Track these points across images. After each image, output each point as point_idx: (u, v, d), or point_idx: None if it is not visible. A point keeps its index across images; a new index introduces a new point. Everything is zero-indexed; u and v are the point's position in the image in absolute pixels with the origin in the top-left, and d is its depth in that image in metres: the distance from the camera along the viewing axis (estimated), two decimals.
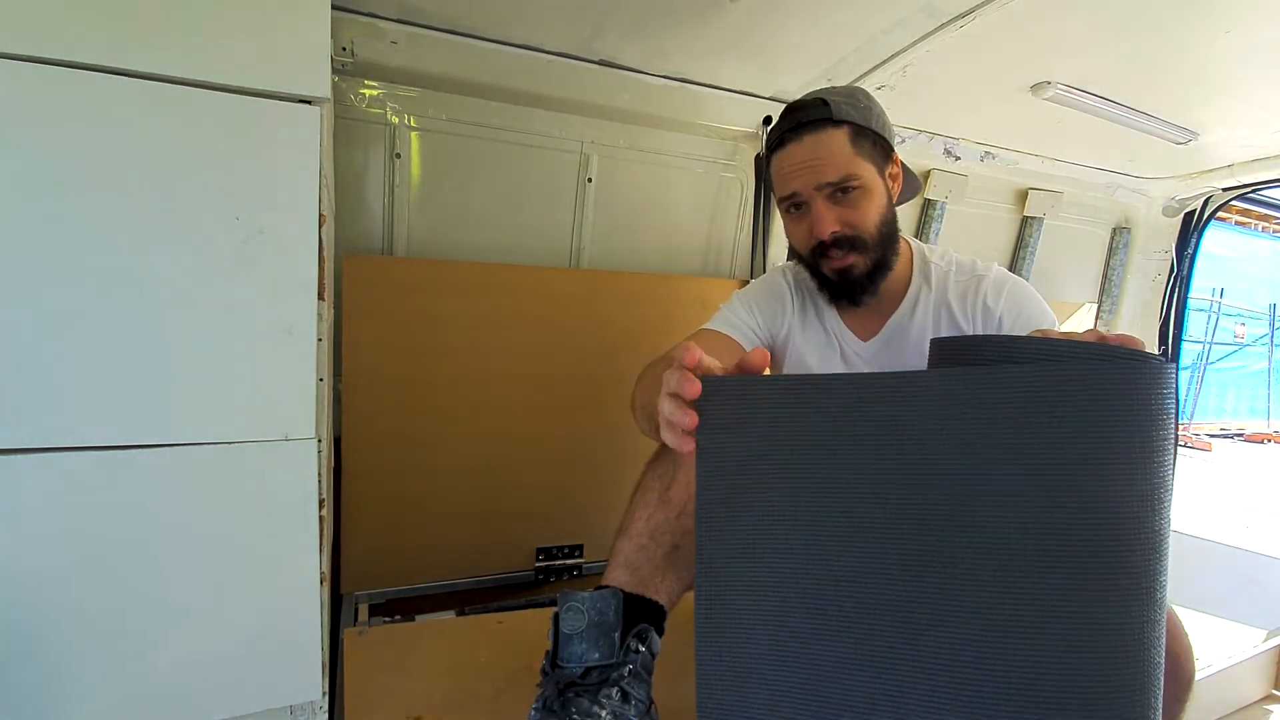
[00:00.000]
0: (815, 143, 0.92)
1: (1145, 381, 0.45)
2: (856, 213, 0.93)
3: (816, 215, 0.93)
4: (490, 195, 1.38)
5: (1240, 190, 1.92)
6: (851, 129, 0.93)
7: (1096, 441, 0.46)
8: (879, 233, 0.95)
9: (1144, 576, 0.46)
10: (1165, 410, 0.46)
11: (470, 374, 1.34)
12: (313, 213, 0.72)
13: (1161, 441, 0.46)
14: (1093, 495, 0.46)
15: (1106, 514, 0.46)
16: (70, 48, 0.62)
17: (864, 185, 0.93)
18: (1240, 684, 1.27)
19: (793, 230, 1.00)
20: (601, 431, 1.46)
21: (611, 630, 0.75)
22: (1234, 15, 1.06)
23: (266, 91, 0.69)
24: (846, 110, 0.93)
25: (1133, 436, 0.45)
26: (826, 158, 0.92)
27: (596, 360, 1.44)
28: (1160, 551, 0.46)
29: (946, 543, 0.49)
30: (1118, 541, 0.46)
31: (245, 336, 0.71)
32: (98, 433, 0.66)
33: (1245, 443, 9.61)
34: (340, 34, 1.07)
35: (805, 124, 0.93)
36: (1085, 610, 0.46)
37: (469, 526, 1.37)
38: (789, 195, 0.96)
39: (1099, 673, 0.46)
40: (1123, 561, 0.46)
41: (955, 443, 0.49)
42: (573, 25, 1.13)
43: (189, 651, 0.72)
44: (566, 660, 0.74)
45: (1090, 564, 0.46)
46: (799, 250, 1.01)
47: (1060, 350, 0.50)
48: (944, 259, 1.04)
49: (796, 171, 0.94)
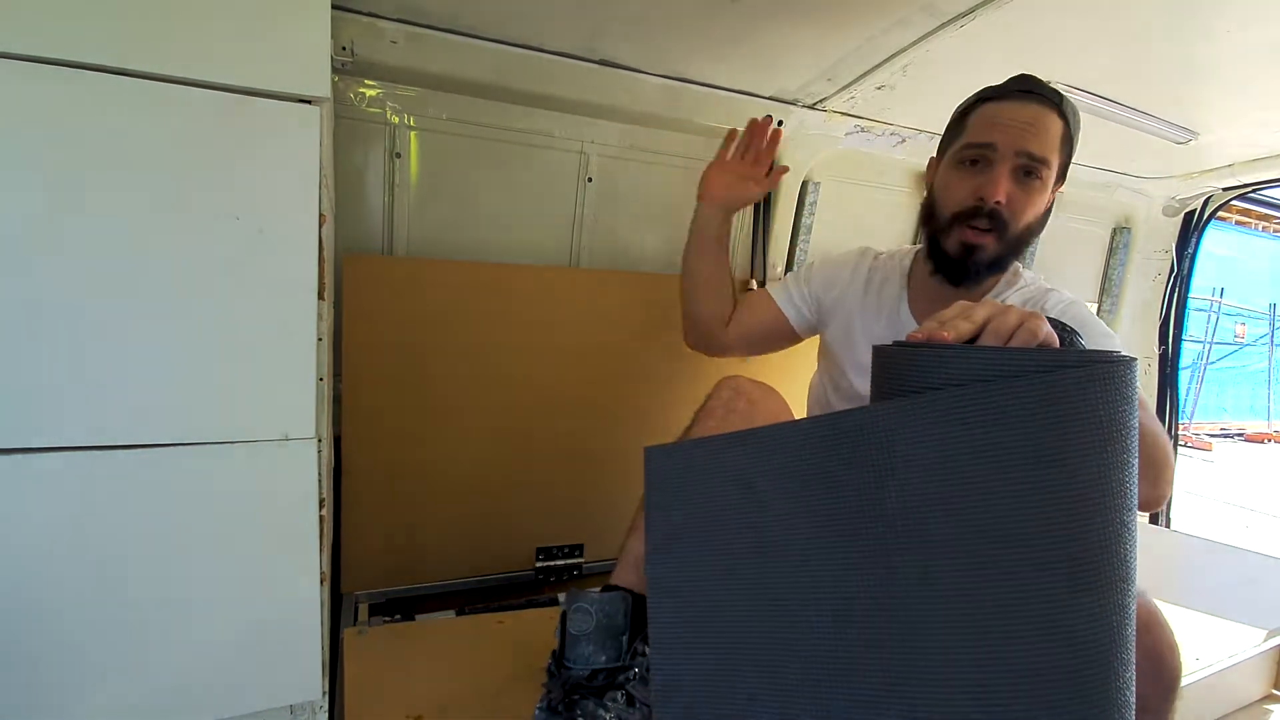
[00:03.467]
0: (1040, 113, 0.91)
1: (1096, 390, 0.44)
2: (1026, 199, 0.92)
3: (996, 177, 0.91)
4: (490, 195, 1.38)
5: (1240, 190, 1.92)
6: (1065, 129, 0.94)
7: (1044, 454, 0.45)
8: (1023, 232, 0.94)
9: (1103, 576, 0.45)
10: (1118, 418, 0.45)
11: (470, 374, 1.34)
12: (313, 212, 0.72)
13: (1111, 454, 0.45)
14: (1049, 497, 0.45)
15: (1061, 515, 0.45)
16: (70, 48, 0.62)
17: (1046, 181, 0.93)
18: (1240, 684, 1.27)
19: (953, 182, 0.96)
20: (601, 431, 1.46)
21: (619, 633, 0.75)
22: (1234, 15, 1.06)
23: (266, 91, 0.69)
24: (1070, 113, 0.94)
25: (1087, 447, 0.45)
26: (1043, 132, 0.91)
27: (596, 360, 1.44)
28: (1119, 554, 0.46)
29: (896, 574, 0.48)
30: (1074, 543, 0.45)
31: (245, 336, 0.71)
32: (97, 433, 0.66)
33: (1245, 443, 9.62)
34: (340, 33, 1.07)
35: (1037, 95, 0.93)
36: (1044, 609, 0.45)
37: (469, 526, 1.37)
38: (984, 143, 0.92)
39: (1064, 675, 0.45)
40: (1081, 562, 0.45)
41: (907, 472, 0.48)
42: (573, 25, 1.13)
43: (189, 651, 0.72)
44: (573, 661, 0.74)
45: (1050, 569, 0.45)
46: (943, 208, 0.97)
47: (1006, 362, 0.48)
48: (1033, 277, 1.03)
49: (1009, 125, 0.91)
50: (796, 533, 0.52)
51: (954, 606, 0.47)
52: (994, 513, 0.46)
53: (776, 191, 1.58)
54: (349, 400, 1.25)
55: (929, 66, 1.24)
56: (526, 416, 1.40)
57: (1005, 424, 0.46)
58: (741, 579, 0.54)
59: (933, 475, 0.47)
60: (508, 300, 1.36)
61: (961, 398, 0.47)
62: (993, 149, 0.91)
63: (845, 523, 0.50)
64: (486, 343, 1.35)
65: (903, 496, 0.48)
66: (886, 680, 0.48)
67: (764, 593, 0.53)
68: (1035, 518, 0.45)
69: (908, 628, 0.48)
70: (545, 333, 1.39)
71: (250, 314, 0.70)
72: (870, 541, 0.49)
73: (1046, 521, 0.45)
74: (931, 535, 0.48)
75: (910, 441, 0.48)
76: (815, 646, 0.51)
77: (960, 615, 0.47)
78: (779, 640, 0.52)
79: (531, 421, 1.41)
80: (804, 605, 0.52)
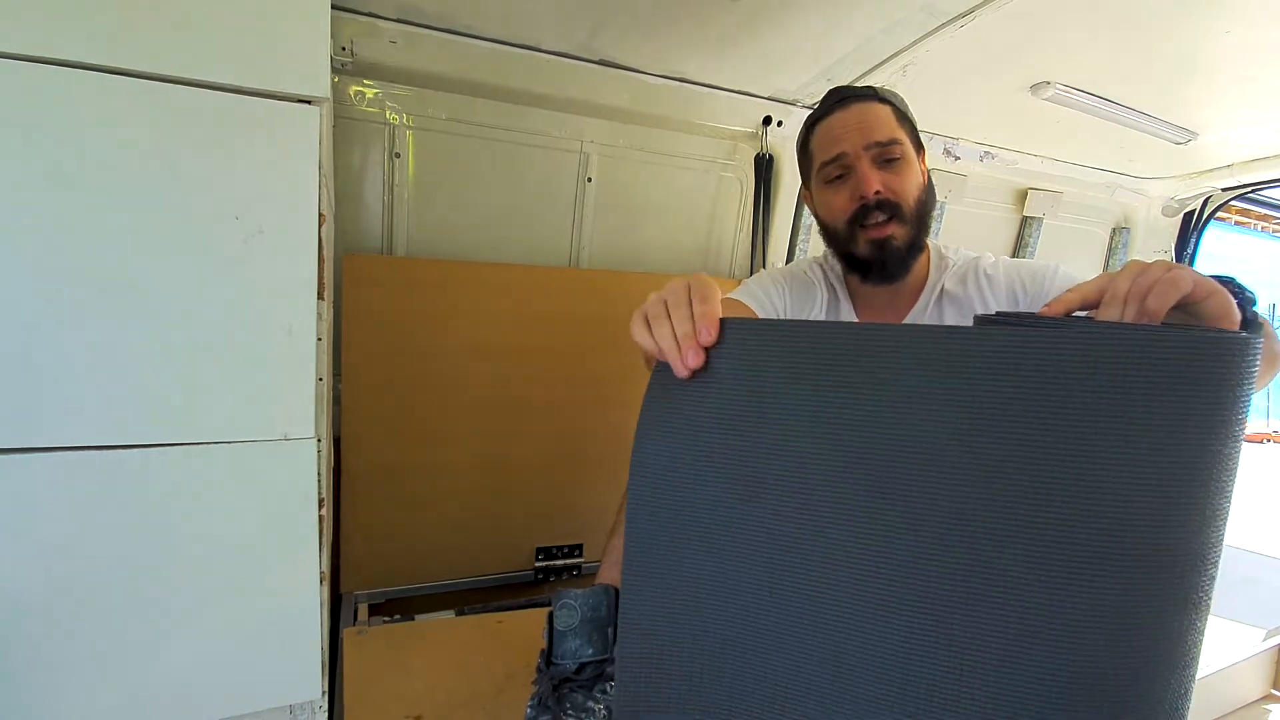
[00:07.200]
0: (864, 109, 0.96)
1: (1219, 360, 0.39)
2: (899, 179, 0.94)
3: (862, 174, 0.93)
4: (490, 195, 1.38)
5: (1240, 190, 1.92)
6: (894, 110, 0.97)
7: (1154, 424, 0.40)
8: (917, 208, 0.96)
9: (1190, 581, 0.41)
10: (1236, 398, 0.40)
11: (470, 374, 1.34)
12: (312, 212, 0.72)
13: (1230, 434, 0.41)
14: (1145, 486, 0.41)
15: (1157, 509, 0.41)
16: (70, 48, 0.62)
17: (906, 156, 0.95)
18: (1239, 684, 1.27)
19: (830, 200, 0.98)
20: (601, 431, 1.46)
21: (605, 625, 0.75)
22: (1234, 15, 1.06)
23: (266, 91, 0.69)
24: (890, 96, 0.99)
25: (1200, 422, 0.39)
26: (875, 122, 0.95)
27: (596, 360, 1.44)
28: (1210, 556, 0.42)
29: (948, 534, 0.45)
30: (1169, 541, 0.41)
31: (245, 336, 0.70)
32: (97, 432, 0.66)
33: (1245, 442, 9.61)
34: (340, 33, 1.07)
35: (851, 97, 0.98)
36: (1127, 614, 0.41)
37: (469, 526, 1.37)
38: (835, 157, 0.96)
39: (1138, 683, 0.41)
40: (1170, 566, 0.41)
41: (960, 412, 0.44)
42: (572, 25, 1.13)
43: (188, 651, 0.72)
44: (561, 657, 0.74)
45: (1135, 563, 0.41)
46: (834, 224, 0.99)
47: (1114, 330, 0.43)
48: (956, 253, 1.04)
49: (845, 133, 0.95)
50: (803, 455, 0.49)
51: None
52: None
53: (776, 191, 1.58)
54: (349, 400, 1.25)
55: (929, 66, 1.24)
56: (526, 416, 1.40)
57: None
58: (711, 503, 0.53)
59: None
60: (507, 300, 1.36)
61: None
62: (845, 156, 0.95)
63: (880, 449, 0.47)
64: (486, 342, 1.35)
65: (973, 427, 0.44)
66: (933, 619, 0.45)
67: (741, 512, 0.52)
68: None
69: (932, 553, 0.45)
70: (545, 333, 1.39)
71: (250, 314, 0.70)
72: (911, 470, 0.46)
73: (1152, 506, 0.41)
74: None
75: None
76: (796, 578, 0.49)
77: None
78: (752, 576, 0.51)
79: (531, 421, 1.41)
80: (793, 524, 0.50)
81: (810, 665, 0.49)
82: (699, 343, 0.52)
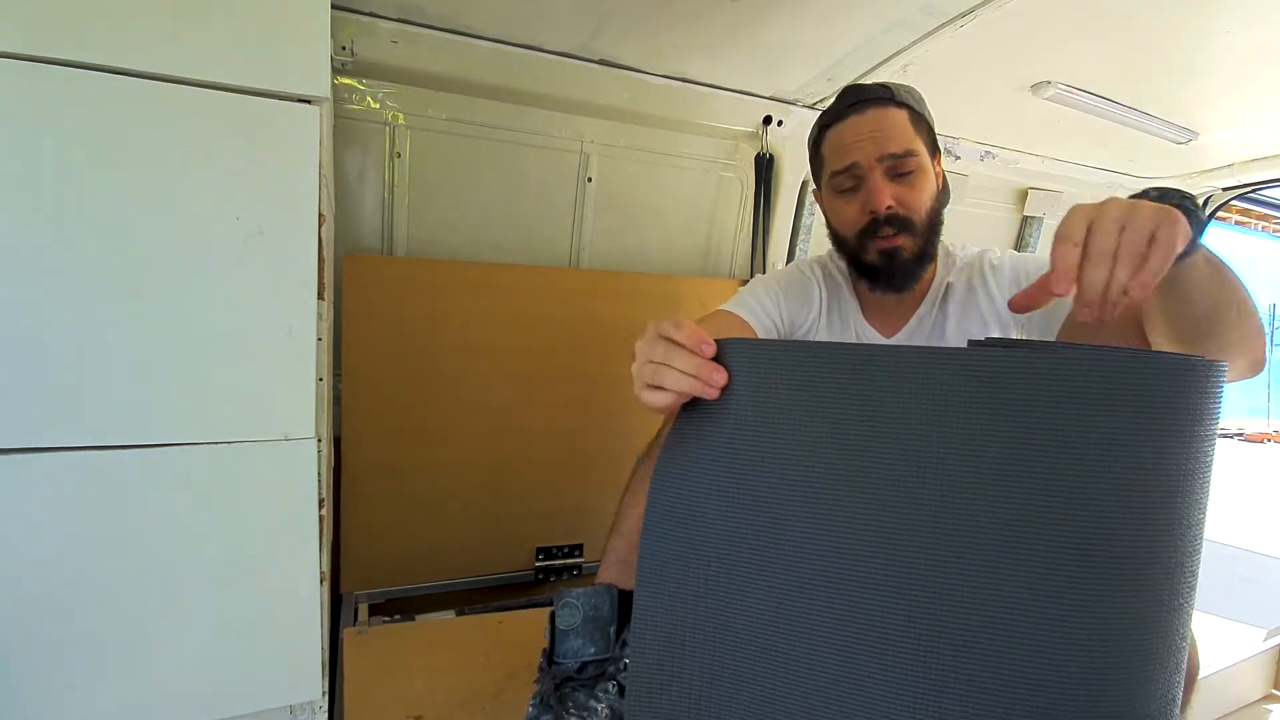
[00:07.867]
0: (879, 116, 0.93)
1: (1185, 376, 0.42)
2: (913, 192, 0.92)
3: (874, 187, 0.91)
4: (490, 195, 1.38)
5: (1240, 190, 1.92)
6: (911, 113, 0.94)
7: (1133, 434, 0.43)
8: (929, 219, 0.94)
9: (1172, 581, 0.43)
10: (1208, 414, 0.43)
11: (470, 374, 1.34)
12: (312, 212, 0.72)
13: (1203, 448, 0.43)
14: (1123, 492, 0.43)
15: (1135, 512, 0.43)
16: (70, 48, 0.62)
17: (921, 166, 0.93)
18: (1240, 683, 1.27)
19: (841, 209, 0.97)
20: (601, 431, 1.46)
21: (606, 625, 0.75)
22: (1234, 15, 1.06)
23: (266, 91, 0.69)
24: (906, 97, 0.95)
25: (1166, 434, 0.43)
26: (890, 130, 0.92)
27: (596, 360, 1.44)
28: (1190, 558, 0.44)
29: (940, 534, 0.47)
30: (1150, 543, 0.43)
31: (245, 336, 0.71)
32: (97, 432, 0.66)
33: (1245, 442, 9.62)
34: (340, 33, 1.07)
35: (868, 100, 0.94)
36: (1110, 618, 0.43)
37: (469, 526, 1.37)
38: (847, 167, 0.93)
39: (1125, 689, 0.43)
40: (1152, 564, 0.43)
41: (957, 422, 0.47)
42: (572, 25, 1.13)
43: (188, 651, 0.72)
44: (563, 656, 0.74)
45: (1119, 566, 0.43)
46: (844, 232, 0.98)
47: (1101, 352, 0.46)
48: (963, 250, 1.03)
49: (858, 142, 0.92)
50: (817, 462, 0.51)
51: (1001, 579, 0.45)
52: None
53: (777, 191, 1.58)
54: (349, 400, 1.25)
55: (929, 66, 1.24)
56: (526, 416, 1.40)
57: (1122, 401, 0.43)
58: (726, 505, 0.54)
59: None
60: (508, 300, 1.36)
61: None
62: (857, 167, 0.92)
63: (887, 461, 0.48)
64: (487, 342, 1.35)
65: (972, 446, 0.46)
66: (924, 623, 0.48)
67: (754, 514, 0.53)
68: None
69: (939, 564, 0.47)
70: (545, 333, 1.39)
71: (250, 314, 0.70)
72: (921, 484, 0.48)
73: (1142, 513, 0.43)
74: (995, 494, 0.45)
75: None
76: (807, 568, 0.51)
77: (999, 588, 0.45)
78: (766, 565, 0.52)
79: (531, 421, 1.41)
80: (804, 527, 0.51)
81: (816, 690, 0.51)
82: (706, 356, 0.53)
